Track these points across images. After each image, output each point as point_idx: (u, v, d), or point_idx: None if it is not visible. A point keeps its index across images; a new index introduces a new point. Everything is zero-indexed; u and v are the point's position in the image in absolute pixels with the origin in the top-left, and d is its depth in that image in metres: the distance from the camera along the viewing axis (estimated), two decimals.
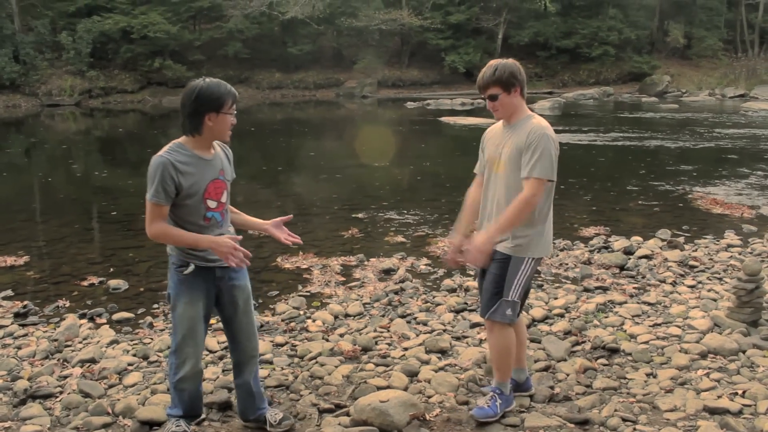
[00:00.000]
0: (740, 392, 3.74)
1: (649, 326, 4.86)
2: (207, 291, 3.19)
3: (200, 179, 3.04)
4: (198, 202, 3.05)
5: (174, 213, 3.04)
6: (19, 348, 4.78)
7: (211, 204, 3.10)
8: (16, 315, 5.54)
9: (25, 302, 5.77)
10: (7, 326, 5.25)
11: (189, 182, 2.99)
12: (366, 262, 6.92)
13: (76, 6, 35.54)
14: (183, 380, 3.22)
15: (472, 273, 6.44)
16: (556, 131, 3.43)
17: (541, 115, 3.54)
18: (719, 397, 3.72)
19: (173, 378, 3.24)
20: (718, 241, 7.52)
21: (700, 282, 6.00)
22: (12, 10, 34.09)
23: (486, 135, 3.62)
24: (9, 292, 6.13)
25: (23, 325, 5.30)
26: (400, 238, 7.93)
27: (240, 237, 3.09)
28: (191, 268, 3.11)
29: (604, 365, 4.22)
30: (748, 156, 14.62)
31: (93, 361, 4.43)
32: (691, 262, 6.58)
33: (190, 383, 3.25)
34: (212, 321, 5.04)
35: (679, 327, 4.79)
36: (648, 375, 4.06)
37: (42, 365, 4.41)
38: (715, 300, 5.41)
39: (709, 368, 4.11)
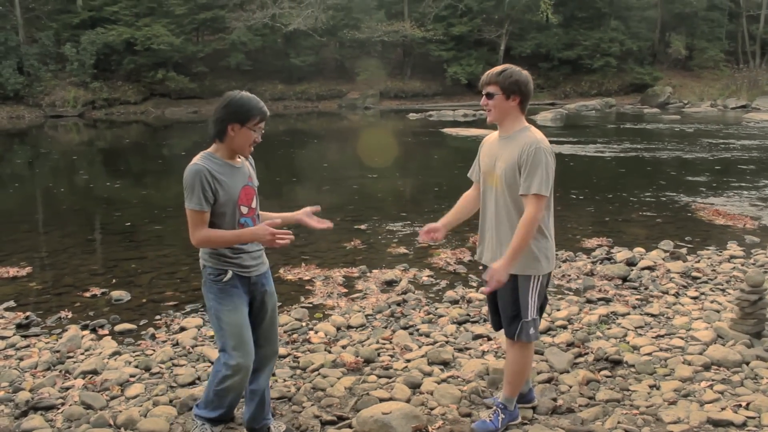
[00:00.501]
0: (744, 404, 3.73)
1: (652, 338, 4.85)
2: (245, 297, 3.25)
3: (233, 186, 3.12)
4: (233, 209, 3.13)
5: (211, 221, 3.12)
6: (21, 359, 4.78)
7: (244, 210, 3.18)
8: (19, 326, 5.54)
9: (28, 313, 5.77)
10: (9, 337, 5.25)
11: (224, 189, 3.08)
12: (368, 274, 6.91)
13: (80, 18, 35.75)
14: (230, 389, 3.23)
15: (474, 284, 6.43)
16: (559, 142, 3.44)
17: (543, 126, 3.54)
18: (723, 409, 3.71)
19: (218, 386, 3.24)
20: (720, 252, 7.51)
21: (703, 293, 5.99)
22: (17, 22, 34.30)
23: (482, 144, 3.61)
24: (11, 303, 6.13)
25: (25, 336, 5.30)
26: (402, 250, 7.93)
27: (279, 220, 3.23)
28: (230, 275, 3.17)
29: (607, 377, 4.21)
30: (751, 167, 14.62)
31: (95, 372, 4.43)
32: (694, 274, 6.57)
33: (237, 391, 3.28)
34: None
35: (682, 338, 4.78)
36: (651, 387, 4.05)
37: (44, 376, 4.41)
38: (718, 311, 5.40)
39: (713, 380, 4.10)
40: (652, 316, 5.37)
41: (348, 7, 39.24)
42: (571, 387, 4.06)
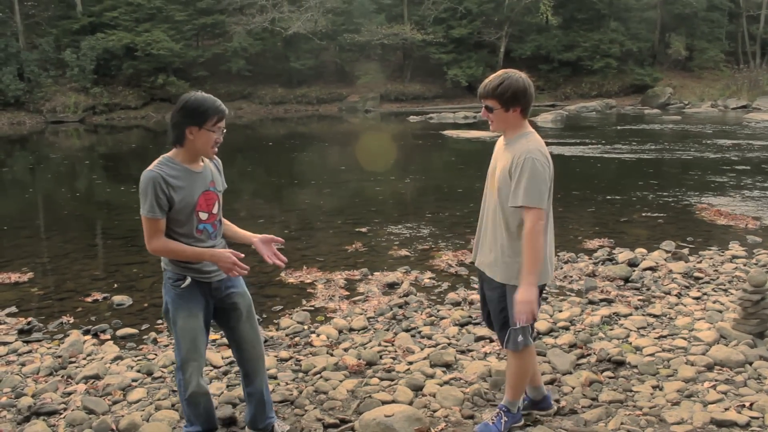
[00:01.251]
0: (748, 404, 3.71)
1: (655, 338, 4.84)
2: (205, 303, 3.20)
3: (191, 192, 3.04)
4: (189, 215, 3.05)
5: (167, 226, 3.05)
6: (23, 365, 4.78)
7: (203, 216, 3.10)
8: (20, 331, 5.53)
9: (29, 318, 5.76)
10: (11, 343, 5.25)
11: (180, 195, 3.00)
12: (370, 276, 6.91)
13: (80, 24, 35.81)
14: (195, 394, 3.18)
15: (475, 286, 6.43)
16: (560, 144, 3.41)
17: (543, 128, 3.51)
18: (726, 409, 3.70)
19: (185, 394, 3.19)
20: (722, 252, 7.50)
21: (705, 293, 5.98)
22: (17, 29, 34.36)
23: (496, 145, 3.55)
24: (13, 309, 6.13)
25: (27, 342, 5.30)
26: (403, 252, 7.92)
27: (242, 255, 3.08)
28: (188, 281, 3.12)
29: (610, 378, 4.20)
30: (752, 167, 14.61)
31: (97, 377, 4.43)
32: (696, 274, 6.56)
33: (203, 396, 3.23)
34: (216, 336, 5.04)
35: (684, 339, 4.77)
36: (654, 387, 4.04)
37: (46, 382, 4.41)
38: (720, 311, 5.39)
39: (716, 380, 4.08)
40: (655, 316, 5.36)
41: (347, 10, 39.27)
42: (573, 388, 4.05)
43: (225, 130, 3.10)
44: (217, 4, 37.10)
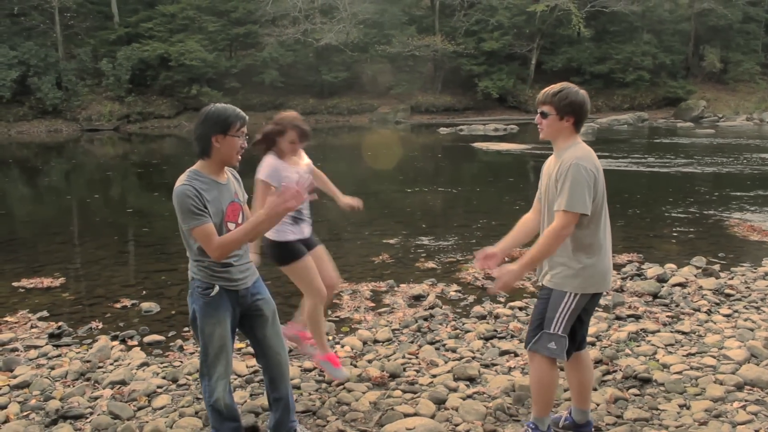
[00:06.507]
0: None
1: (683, 356, 4.76)
2: (232, 311, 3.24)
3: (220, 203, 3.12)
4: (219, 226, 3.11)
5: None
6: (52, 368, 4.86)
7: (231, 226, 3.17)
8: (51, 336, 5.64)
9: (60, 323, 5.87)
10: (41, 346, 5.35)
11: (212, 208, 3.08)
12: (396, 288, 6.91)
13: (117, 34, 36.61)
14: (219, 401, 3.24)
15: (502, 300, 6.39)
16: None
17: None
18: (756, 431, 3.62)
19: (210, 400, 3.25)
20: (755, 269, 7.36)
21: (736, 311, 5.86)
22: (56, 39, 35.23)
23: (544, 164, 3.54)
24: (45, 313, 6.24)
25: (57, 346, 5.39)
26: (430, 264, 7.91)
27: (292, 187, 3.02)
28: (216, 289, 3.17)
29: (636, 395, 4.14)
30: None
31: (123, 382, 4.49)
32: (727, 291, 6.44)
33: (228, 401, 3.28)
34: (240, 345, 5.08)
35: (713, 357, 4.68)
36: (681, 406, 3.97)
37: (74, 386, 4.48)
38: (751, 330, 5.28)
39: (746, 400, 4.00)
40: (683, 333, 5.27)
41: (379, 22, 39.50)
42: (598, 405, 4.00)
43: (248, 137, 3.19)
44: (250, 15, 37.61)
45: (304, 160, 4.37)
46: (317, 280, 4.26)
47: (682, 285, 6.64)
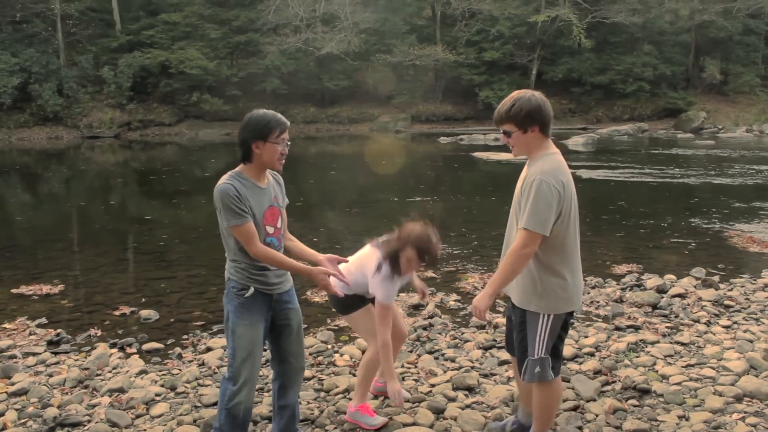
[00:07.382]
0: None
1: (682, 367, 4.76)
2: (265, 314, 3.28)
3: (259, 205, 3.17)
4: (258, 228, 3.16)
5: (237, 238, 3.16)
6: (50, 375, 4.85)
7: (270, 230, 3.22)
8: (49, 343, 5.63)
9: (59, 330, 5.87)
10: (40, 353, 5.34)
11: (251, 208, 3.13)
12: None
13: (119, 42, 36.72)
14: (239, 405, 3.25)
15: (501, 309, 6.39)
16: (590, 167, 3.36)
17: (574, 151, 3.46)
18: None
19: (228, 403, 3.25)
20: (754, 280, 7.35)
21: (735, 322, 5.86)
22: (58, 47, 35.35)
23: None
24: (43, 320, 6.24)
25: (55, 353, 5.38)
26: (429, 273, 7.90)
27: (334, 272, 3.32)
28: (251, 291, 3.21)
29: (635, 406, 4.13)
30: None
31: (121, 390, 4.48)
32: (727, 302, 6.44)
33: (246, 407, 3.29)
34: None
35: (713, 368, 4.68)
36: (680, 417, 3.96)
37: (72, 393, 4.47)
38: (751, 341, 5.27)
39: (745, 412, 3.99)
40: (683, 344, 5.27)
41: (380, 31, 39.62)
42: (597, 416, 3.99)
43: (289, 143, 3.24)
44: (251, 23, 37.71)
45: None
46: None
47: (681, 296, 6.63)
